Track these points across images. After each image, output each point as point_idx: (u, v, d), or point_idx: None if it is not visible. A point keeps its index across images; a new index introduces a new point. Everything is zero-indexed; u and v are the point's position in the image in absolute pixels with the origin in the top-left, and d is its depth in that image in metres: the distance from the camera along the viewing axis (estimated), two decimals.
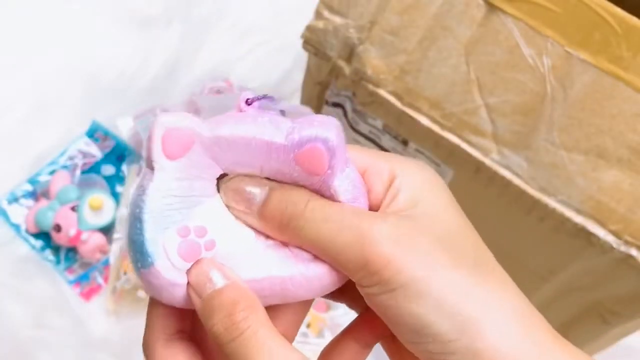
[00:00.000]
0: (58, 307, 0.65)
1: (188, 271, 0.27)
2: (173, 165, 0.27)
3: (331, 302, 0.66)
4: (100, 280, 0.67)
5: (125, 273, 0.65)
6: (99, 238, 0.67)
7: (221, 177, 0.28)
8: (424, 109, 0.47)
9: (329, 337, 0.64)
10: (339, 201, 0.27)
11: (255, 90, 0.28)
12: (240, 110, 0.28)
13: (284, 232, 0.27)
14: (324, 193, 0.28)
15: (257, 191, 0.28)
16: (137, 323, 0.64)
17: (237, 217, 0.28)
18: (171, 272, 0.26)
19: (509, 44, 0.44)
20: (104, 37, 0.76)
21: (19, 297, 0.65)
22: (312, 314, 0.64)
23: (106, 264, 0.67)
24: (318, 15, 0.48)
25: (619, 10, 0.42)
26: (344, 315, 0.65)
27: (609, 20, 0.42)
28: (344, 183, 0.27)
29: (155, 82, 0.74)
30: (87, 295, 0.67)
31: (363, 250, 0.26)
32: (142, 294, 0.64)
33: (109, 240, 0.68)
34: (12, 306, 0.64)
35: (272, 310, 0.28)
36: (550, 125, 0.44)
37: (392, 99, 0.47)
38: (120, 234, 0.68)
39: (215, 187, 0.28)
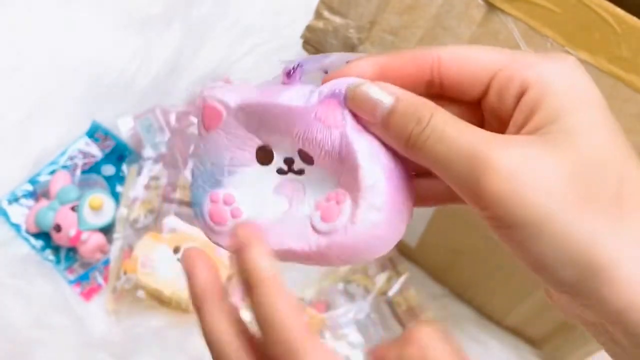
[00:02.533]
0: (58, 306, 0.65)
1: (229, 232, 0.28)
2: (211, 135, 0.30)
3: (331, 302, 0.66)
4: (100, 280, 0.67)
5: (125, 273, 0.65)
6: (99, 238, 0.67)
7: (261, 149, 0.29)
8: None
9: (329, 338, 0.64)
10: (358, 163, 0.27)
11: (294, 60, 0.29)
12: (283, 83, 0.29)
13: (403, 147, 0.26)
14: (347, 149, 0.27)
15: (386, 96, 0.26)
16: (136, 323, 0.64)
17: (360, 124, 0.27)
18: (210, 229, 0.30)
19: (509, 44, 0.44)
20: (104, 37, 0.76)
21: (19, 297, 0.65)
22: (311, 314, 0.65)
23: (106, 263, 0.67)
24: (318, 15, 0.48)
25: (618, 10, 0.42)
26: (344, 315, 0.65)
27: (609, 21, 0.42)
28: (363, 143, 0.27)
29: (155, 82, 0.74)
30: (87, 295, 0.67)
31: (477, 182, 0.23)
32: (141, 294, 0.64)
33: (109, 240, 0.68)
34: (12, 306, 0.65)
35: None
36: None
37: None
38: (120, 234, 0.68)
39: (254, 158, 0.30)
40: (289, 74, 0.29)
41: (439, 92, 0.28)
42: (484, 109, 0.28)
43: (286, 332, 0.25)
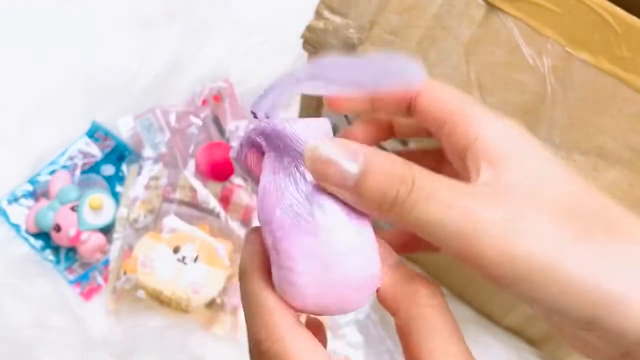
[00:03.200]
0: (58, 307, 0.65)
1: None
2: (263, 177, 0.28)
3: None
4: (100, 280, 0.67)
5: (125, 273, 0.65)
6: (99, 238, 0.67)
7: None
8: None
9: (329, 338, 0.64)
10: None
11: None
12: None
13: (386, 214, 0.24)
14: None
15: (352, 164, 0.24)
16: (137, 323, 0.64)
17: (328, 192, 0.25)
18: None
19: (509, 44, 0.44)
20: (104, 37, 0.76)
21: (19, 297, 0.65)
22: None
23: (106, 263, 0.67)
24: (318, 15, 0.48)
25: (619, 11, 0.42)
26: (343, 315, 0.65)
27: (609, 21, 0.42)
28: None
29: (155, 82, 0.74)
30: (87, 295, 0.67)
31: (475, 244, 0.23)
32: (141, 294, 0.64)
33: (109, 240, 0.68)
34: (12, 306, 0.64)
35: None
36: (551, 125, 0.44)
37: None
38: (119, 234, 0.68)
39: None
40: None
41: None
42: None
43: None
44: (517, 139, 0.25)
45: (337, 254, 0.25)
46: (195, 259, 0.65)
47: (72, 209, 0.67)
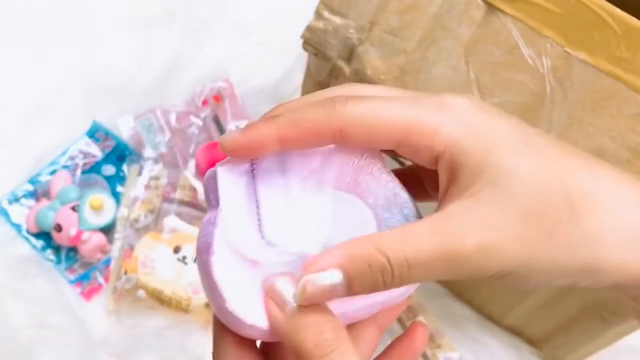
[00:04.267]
0: (58, 306, 0.65)
1: (266, 285, 0.28)
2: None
3: None
4: (100, 280, 0.67)
5: (125, 273, 0.65)
6: (100, 238, 0.67)
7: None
8: None
9: None
10: None
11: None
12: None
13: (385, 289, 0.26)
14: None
15: (334, 277, 0.25)
16: (137, 323, 0.65)
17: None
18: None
19: (509, 45, 0.44)
20: (105, 37, 0.76)
21: (19, 296, 0.65)
22: None
23: (107, 263, 0.67)
24: (318, 15, 0.48)
25: (618, 11, 0.42)
26: None
27: (608, 21, 0.42)
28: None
29: (155, 82, 0.74)
30: (88, 295, 0.67)
31: (460, 270, 0.25)
32: (142, 293, 0.64)
33: (110, 240, 0.68)
34: (12, 306, 0.65)
35: (351, 329, 0.29)
36: (550, 125, 0.44)
37: None
38: (120, 234, 0.68)
39: None
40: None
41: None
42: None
43: None
44: (477, 133, 0.26)
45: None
46: (195, 259, 0.65)
47: (73, 208, 0.67)
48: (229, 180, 0.29)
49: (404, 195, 0.30)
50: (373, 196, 0.30)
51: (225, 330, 0.28)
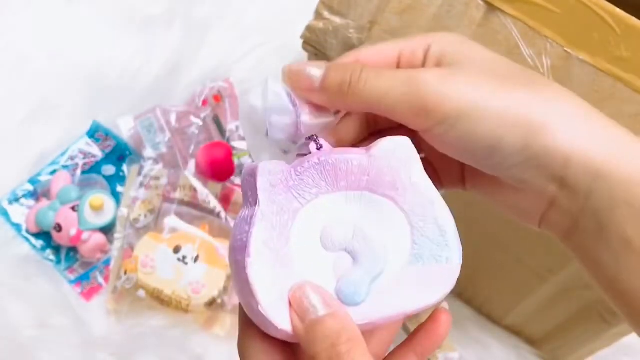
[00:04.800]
0: (59, 306, 0.65)
1: (290, 293, 0.28)
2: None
3: None
4: (100, 280, 0.67)
5: (125, 273, 0.65)
6: (100, 238, 0.67)
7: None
8: None
9: None
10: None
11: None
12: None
13: (345, 98, 0.30)
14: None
15: (315, 70, 0.31)
16: (137, 323, 0.65)
17: (300, 97, 0.31)
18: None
19: (509, 45, 0.44)
20: (105, 37, 0.76)
21: (19, 296, 0.65)
22: None
23: (107, 263, 0.67)
24: (318, 15, 0.48)
25: (618, 11, 0.42)
26: None
27: (608, 21, 0.42)
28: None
29: (155, 82, 0.75)
30: (88, 295, 0.67)
31: (419, 94, 0.28)
32: (142, 293, 0.64)
33: (110, 240, 0.68)
34: (12, 306, 0.65)
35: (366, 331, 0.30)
36: None
37: None
38: (120, 234, 0.68)
39: None
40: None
41: None
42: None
43: None
44: (462, 43, 0.31)
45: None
46: (196, 259, 0.65)
47: (73, 208, 0.67)
48: (269, 179, 0.29)
49: (440, 204, 0.30)
50: (409, 203, 0.30)
51: (252, 326, 0.29)
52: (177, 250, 0.65)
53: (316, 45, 0.49)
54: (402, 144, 0.30)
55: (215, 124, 0.72)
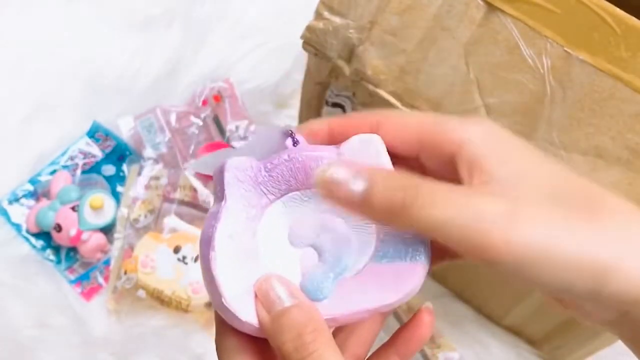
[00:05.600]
0: (59, 306, 0.65)
1: (256, 285, 0.28)
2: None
3: None
4: (100, 279, 0.67)
5: (125, 273, 0.65)
6: (100, 238, 0.67)
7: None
8: (423, 109, 0.47)
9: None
10: None
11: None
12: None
13: (394, 219, 0.26)
14: None
15: (360, 183, 0.26)
16: (137, 322, 0.65)
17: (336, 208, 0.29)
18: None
19: (509, 45, 0.44)
20: (105, 37, 0.76)
21: (19, 296, 0.65)
22: None
23: (107, 263, 0.68)
24: (318, 15, 0.48)
25: (618, 11, 0.42)
26: None
27: (608, 21, 0.42)
28: None
29: (155, 82, 0.75)
30: (88, 294, 0.67)
31: (481, 232, 0.25)
32: (142, 293, 0.64)
33: (110, 240, 0.68)
34: (13, 306, 0.65)
35: (347, 328, 0.30)
36: (550, 125, 0.44)
37: (392, 100, 0.47)
38: (120, 234, 0.68)
39: None
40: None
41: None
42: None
43: None
44: (498, 138, 0.28)
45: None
46: (196, 259, 0.65)
47: (73, 208, 0.67)
48: (236, 175, 0.29)
49: None
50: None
51: (226, 322, 0.29)
52: (177, 250, 0.65)
53: (316, 45, 0.49)
54: (371, 140, 0.30)
55: (215, 124, 0.72)
